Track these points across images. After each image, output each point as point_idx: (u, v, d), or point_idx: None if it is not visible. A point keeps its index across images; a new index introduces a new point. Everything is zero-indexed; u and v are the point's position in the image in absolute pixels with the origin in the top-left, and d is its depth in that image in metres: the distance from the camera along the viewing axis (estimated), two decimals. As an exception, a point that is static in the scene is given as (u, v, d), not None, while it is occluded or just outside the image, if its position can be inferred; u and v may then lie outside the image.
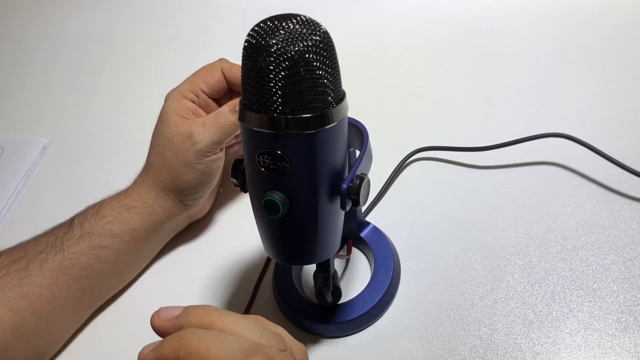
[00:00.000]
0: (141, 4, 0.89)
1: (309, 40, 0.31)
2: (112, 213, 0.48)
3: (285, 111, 0.32)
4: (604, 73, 0.62)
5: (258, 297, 0.48)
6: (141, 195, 0.49)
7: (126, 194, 0.49)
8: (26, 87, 0.82)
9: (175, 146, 0.47)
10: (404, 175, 0.56)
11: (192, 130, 0.47)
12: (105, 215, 0.48)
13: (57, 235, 0.46)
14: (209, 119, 0.47)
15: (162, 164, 0.48)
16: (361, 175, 0.36)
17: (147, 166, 0.50)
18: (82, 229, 0.47)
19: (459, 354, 0.42)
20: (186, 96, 0.49)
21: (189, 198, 0.49)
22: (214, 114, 0.48)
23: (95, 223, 0.47)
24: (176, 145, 0.47)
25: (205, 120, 0.47)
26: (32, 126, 0.75)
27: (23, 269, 0.44)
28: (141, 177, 0.50)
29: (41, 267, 0.44)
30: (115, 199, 0.49)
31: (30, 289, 0.43)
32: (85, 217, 0.48)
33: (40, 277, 0.44)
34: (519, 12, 0.72)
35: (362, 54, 0.72)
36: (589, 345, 0.41)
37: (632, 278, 0.44)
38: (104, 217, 0.47)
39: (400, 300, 0.46)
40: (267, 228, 0.37)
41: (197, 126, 0.47)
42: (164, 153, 0.48)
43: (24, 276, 0.44)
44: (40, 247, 0.46)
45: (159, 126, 0.49)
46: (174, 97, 0.49)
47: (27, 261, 0.45)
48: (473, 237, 0.49)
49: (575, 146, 0.52)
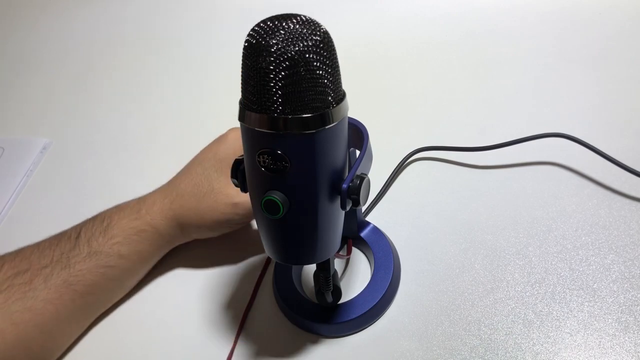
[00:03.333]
0: (141, 5, 0.89)
1: (309, 40, 0.31)
2: (122, 234, 0.47)
3: (285, 111, 0.32)
4: (604, 73, 0.62)
5: (258, 297, 0.48)
6: (155, 220, 0.48)
7: (138, 214, 0.48)
8: (26, 87, 0.82)
9: (215, 203, 0.47)
10: (404, 175, 0.56)
11: (240, 201, 0.46)
12: (114, 235, 0.47)
13: (63, 251, 0.46)
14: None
15: (194, 208, 0.47)
16: (361, 175, 0.36)
17: (173, 195, 0.49)
18: (89, 247, 0.46)
19: (459, 353, 0.42)
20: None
21: (200, 237, 0.50)
22: None
23: (103, 242, 0.46)
24: (217, 202, 0.47)
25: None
26: (32, 126, 0.75)
27: (27, 283, 0.44)
28: (161, 203, 0.49)
29: (46, 282, 0.44)
30: (125, 217, 0.48)
31: (34, 303, 0.43)
32: (93, 233, 0.47)
33: (45, 291, 0.44)
34: (519, 12, 0.72)
35: (362, 54, 0.72)
36: (589, 345, 0.41)
37: (632, 278, 0.44)
38: (112, 238, 0.47)
39: (400, 300, 0.46)
40: (267, 228, 0.37)
41: (244, 196, 0.44)
42: (200, 200, 0.47)
43: (28, 290, 0.43)
44: (45, 261, 0.45)
45: (207, 167, 0.48)
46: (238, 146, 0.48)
47: (31, 275, 0.44)
48: (473, 237, 0.49)
49: (575, 146, 0.52)
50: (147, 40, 0.84)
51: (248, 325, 0.47)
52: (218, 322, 0.47)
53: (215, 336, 0.46)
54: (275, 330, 0.46)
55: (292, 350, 0.44)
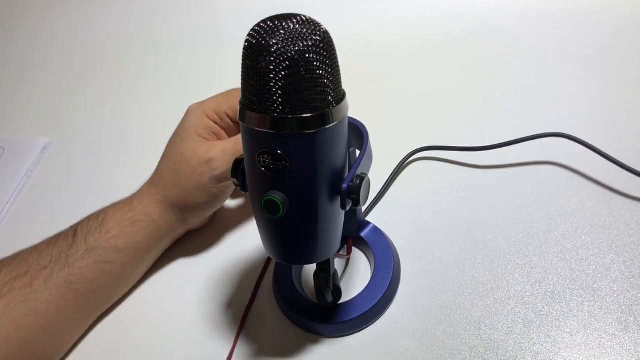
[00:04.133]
0: (141, 5, 0.89)
1: (309, 40, 0.31)
2: (117, 227, 0.47)
3: (285, 111, 0.32)
4: (604, 73, 0.62)
5: (258, 297, 0.48)
6: (147, 209, 0.48)
7: (131, 206, 0.48)
8: (26, 87, 0.82)
9: (191, 167, 0.46)
10: (404, 175, 0.56)
11: (212, 156, 0.46)
12: (109, 229, 0.47)
13: (61, 250, 0.46)
14: (229, 146, 0.46)
15: (175, 181, 0.47)
16: (361, 175, 0.36)
17: (156, 180, 0.49)
18: (86, 244, 0.46)
19: (459, 353, 0.42)
20: (210, 116, 0.48)
21: (195, 216, 0.50)
22: (235, 140, 0.47)
23: (99, 237, 0.46)
24: (192, 166, 0.46)
25: (226, 146, 0.46)
26: (32, 126, 0.75)
27: (27, 285, 0.44)
28: (149, 190, 0.49)
29: (46, 283, 0.44)
30: (119, 211, 0.48)
31: (36, 306, 0.43)
32: (89, 230, 0.47)
33: (46, 292, 0.44)
34: (519, 12, 0.73)
35: (362, 54, 0.72)
36: (589, 345, 0.41)
37: (632, 278, 0.44)
38: (108, 232, 0.47)
39: (400, 300, 0.46)
40: (267, 228, 0.37)
41: (216, 151, 0.46)
42: (178, 171, 0.47)
43: (29, 292, 0.43)
44: (44, 262, 0.45)
45: (176, 142, 0.48)
46: (197, 114, 0.48)
47: (31, 277, 0.44)
48: (473, 237, 0.49)
49: (575, 146, 0.52)
50: (147, 40, 0.84)
51: (248, 325, 0.47)
52: (218, 322, 0.47)
53: (215, 336, 0.46)
54: (275, 330, 0.46)
55: (292, 350, 0.44)
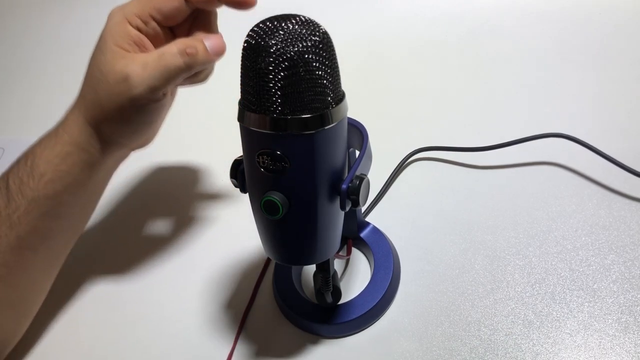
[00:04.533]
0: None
1: (308, 40, 0.31)
2: (49, 169, 0.42)
3: (284, 112, 0.32)
4: (604, 73, 0.62)
5: (258, 297, 0.48)
6: (73, 136, 0.42)
7: (57, 137, 0.43)
8: (26, 87, 0.82)
9: (109, 86, 0.40)
10: (404, 175, 0.56)
11: (129, 71, 0.39)
12: (42, 173, 0.42)
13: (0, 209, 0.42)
14: (151, 59, 0.39)
15: (95, 101, 0.41)
16: (361, 176, 0.36)
17: (80, 101, 0.43)
18: (24, 197, 0.42)
19: (459, 354, 0.42)
20: (132, 21, 0.41)
21: (128, 140, 0.44)
22: (159, 53, 0.40)
23: (34, 185, 0.42)
24: (110, 85, 0.40)
25: (147, 59, 0.39)
26: (32, 126, 0.75)
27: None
28: (72, 113, 0.43)
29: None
30: (46, 147, 0.43)
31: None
32: (22, 180, 0.42)
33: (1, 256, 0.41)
34: (519, 12, 0.72)
35: (362, 54, 0.72)
36: (589, 346, 0.41)
37: (632, 278, 0.44)
38: (42, 176, 0.42)
39: (400, 300, 0.46)
40: (266, 228, 0.37)
41: (135, 66, 0.39)
42: (97, 90, 0.41)
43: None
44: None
45: (95, 55, 0.42)
46: (116, 20, 0.41)
47: None
48: (473, 237, 0.49)
49: (575, 146, 0.52)
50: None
51: (248, 325, 0.47)
52: (218, 322, 0.47)
53: (215, 336, 0.46)
54: (275, 330, 0.46)
55: (292, 351, 0.44)
